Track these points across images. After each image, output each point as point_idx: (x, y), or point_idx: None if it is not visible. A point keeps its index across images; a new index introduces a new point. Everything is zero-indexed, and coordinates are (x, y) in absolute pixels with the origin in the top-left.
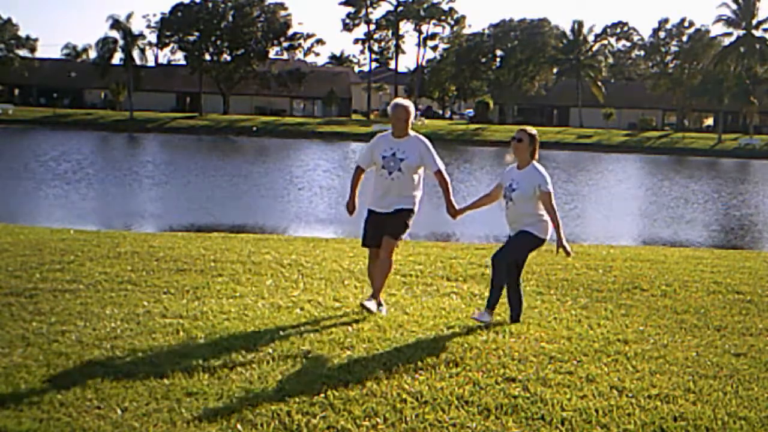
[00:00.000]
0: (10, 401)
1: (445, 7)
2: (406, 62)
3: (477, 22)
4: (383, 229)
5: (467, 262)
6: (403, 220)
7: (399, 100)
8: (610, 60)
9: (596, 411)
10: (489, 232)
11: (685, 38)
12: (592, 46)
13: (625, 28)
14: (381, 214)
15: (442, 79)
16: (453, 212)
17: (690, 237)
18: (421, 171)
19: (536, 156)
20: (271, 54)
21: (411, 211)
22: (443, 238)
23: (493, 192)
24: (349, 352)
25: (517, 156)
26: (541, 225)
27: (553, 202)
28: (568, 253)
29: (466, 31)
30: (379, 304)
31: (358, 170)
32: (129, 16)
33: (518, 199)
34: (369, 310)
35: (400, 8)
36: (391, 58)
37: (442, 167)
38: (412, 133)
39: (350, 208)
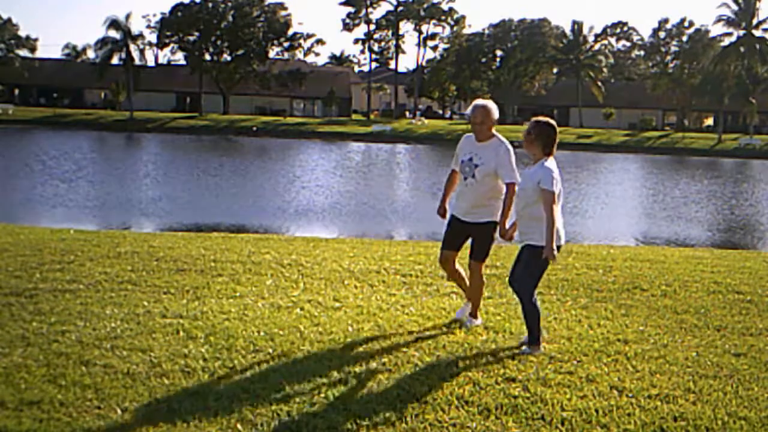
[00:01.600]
0: (10, 401)
1: (445, 7)
2: (406, 62)
3: (477, 22)
4: (462, 238)
5: (467, 262)
6: (486, 239)
7: (477, 101)
8: (610, 60)
9: (596, 411)
10: None
11: (685, 38)
12: (592, 46)
13: (625, 28)
14: (460, 221)
15: (442, 79)
16: (503, 232)
17: (690, 237)
18: (499, 180)
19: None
20: (271, 54)
21: (491, 224)
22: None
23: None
24: (349, 352)
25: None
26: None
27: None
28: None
29: (466, 31)
30: (473, 316)
31: (451, 173)
32: (128, 17)
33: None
34: (466, 326)
35: (400, 8)
36: (391, 58)
37: (516, 180)
38: (497, 137)
39: (441, 212)
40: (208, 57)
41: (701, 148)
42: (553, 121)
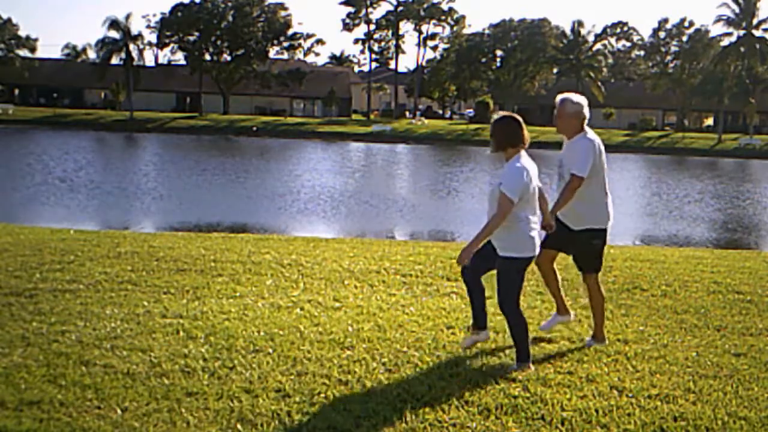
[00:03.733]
0: (10, 401)
1: (445, 7)
2: (406, 62)
3: (477, 22)
4: (561, 243)
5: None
6: (589, 249)
7: (561, 95)
8: (610, 60)
9: (596, 411)
10: None
11: (685, 38)
12: (592, 46)
13: (625, 28)
14: (560, 223)
15: (442, 79)
16: (546, 223)
17: (690, 237)
18: (593, 179)
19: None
20: (271, 54)
21: (594, 231)
22: (443, 238)
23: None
24: (349, 352)
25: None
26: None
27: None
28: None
29: (466, 31)
30: (601, 340)
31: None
32: (128, 17)
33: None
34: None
35: (400, 8)
36: (391, 58)
37: (580, 173)
38: (585, 132)
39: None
40: (208, 57)
41: (701, 148)
42: (510, 114)
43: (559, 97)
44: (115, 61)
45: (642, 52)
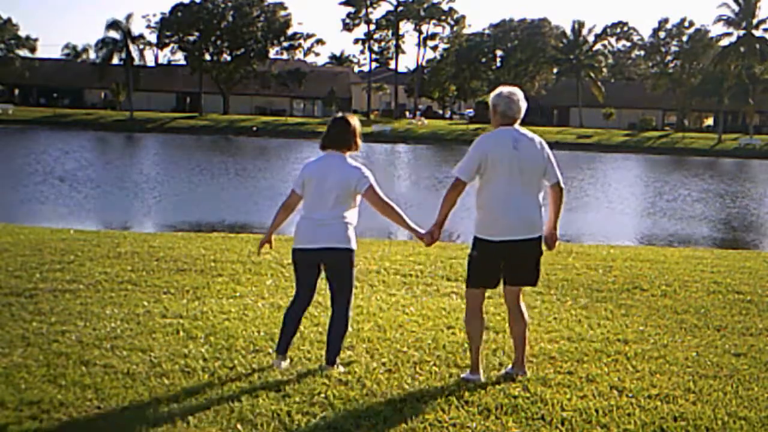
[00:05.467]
0: (10, 401)
1: (445, 7)
2: (406, 62)
3: (477, 22)
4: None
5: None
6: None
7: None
8: (610, 60)
9: (596, 411)
10: None
11: (685, 38)
12: (592, 46)
13: (625, 28)
14: None
15: (442, 79)
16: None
17: (690, 237)
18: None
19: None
20: (271, 54)
21: (474, 240)
22: (443, 238)
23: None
24: (349, 352)
25: None
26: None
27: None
28: None
29: (466, 31)
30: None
31: None
32: (128, 18)
33: None
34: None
35: (400, 8)
36: (391, 58)
37: (454, 173)
38: (500, 128)
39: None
40: (208, 57)
41: (701, 148)
42: (341, 116)
43: None
44: (115, 61)
45: (642, 52)
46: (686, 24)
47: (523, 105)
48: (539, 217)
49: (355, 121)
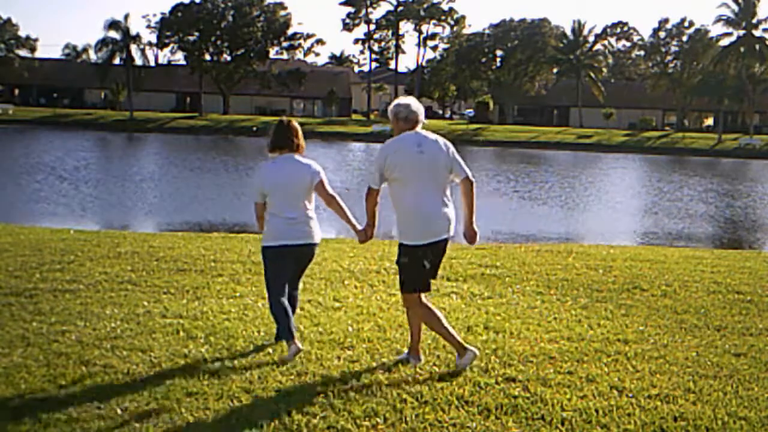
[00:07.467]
0: (10, 401)
1: (445, 7)
2: (406, 62)
3: (477, 22)
4: None
5: (467, 262)
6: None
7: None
8: (610, 60)
9: (596, 411)
10: (490, 232)
11: (685, 38)
12: (592, 46)
13: (625, 28)
14: None
15: (442, 79)
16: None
17: (690, 237)
18: (394, 185)
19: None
20: (271, 54)
21: (400, 246)
22: None
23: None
24: (349, 352)
25: None
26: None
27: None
28: None
29: (466, 31)
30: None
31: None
32: (126, 17)
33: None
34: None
35: (400, 8)
36: (391, 58)
37: (368, 182)
38: (403, 134)
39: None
40: (208, 57)
41: (701, 148)
42: (284, 120)
43: None
44: (115, 61)
45: (642, 52)
46: (686, 24)
47: (421, 109)
48: (452, 216)
49: (296, 124)
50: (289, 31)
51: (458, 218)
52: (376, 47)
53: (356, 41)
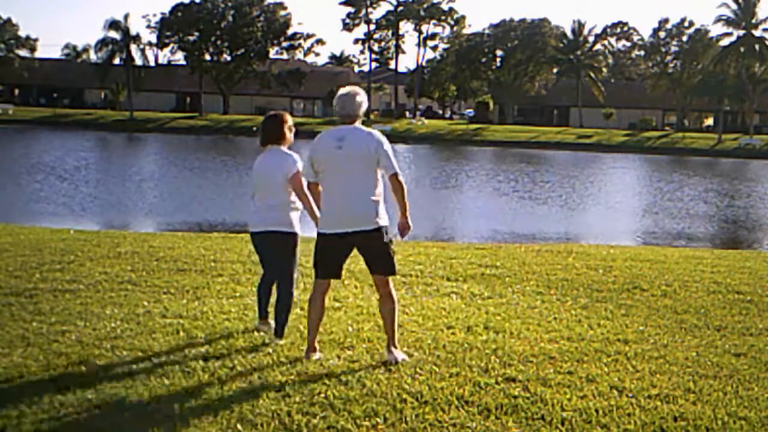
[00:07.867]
0: (10, 401)
1: (445, 7)
2: (406, 62)
3: (477, 22)
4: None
5: (467, 262)
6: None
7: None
8: (610, 60)
9: (596, 411)
10: (490, 232)
11: (685, 38)
12: (592, 46)
13: (625, 28)
14: None
15: (442, 79)
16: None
17: (690, 237)
18: (323, 175)
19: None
20: (271, 54)
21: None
22: (443, 238)
23: None
24: (349, 352)
25: None
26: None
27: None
28: None
29: (466, 31)
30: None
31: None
32: (126, 17)
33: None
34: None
35: (400, 8)
36: (391, 58)
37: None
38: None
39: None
40: (208, 57)
41: (701, 148)
42: (274, 113)
43: None
44: (115, 61)
45: (642, 52)
46: (686, 24)
47: (361, 101)
48: (373, 210)
49: (287, 116)
50: (289, 31)
51: (457, 217)
52: (376, 47)
53: (356, 41)
